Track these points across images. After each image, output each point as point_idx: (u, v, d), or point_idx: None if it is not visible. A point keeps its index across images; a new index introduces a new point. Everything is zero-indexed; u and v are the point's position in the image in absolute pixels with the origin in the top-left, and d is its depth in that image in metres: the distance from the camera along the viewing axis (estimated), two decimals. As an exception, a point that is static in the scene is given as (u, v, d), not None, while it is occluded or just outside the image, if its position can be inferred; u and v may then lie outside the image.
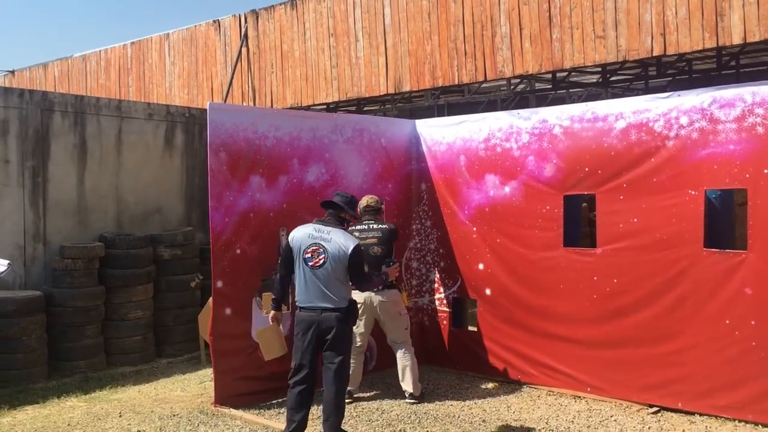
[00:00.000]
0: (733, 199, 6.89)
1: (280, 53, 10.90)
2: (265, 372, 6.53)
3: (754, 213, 5.57)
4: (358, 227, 6.52)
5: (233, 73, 11.53)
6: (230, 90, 11.58)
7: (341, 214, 5.40)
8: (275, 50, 10.99)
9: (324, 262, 5.14)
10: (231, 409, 6.21)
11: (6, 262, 5.82)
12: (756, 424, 5.53)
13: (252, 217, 6.53)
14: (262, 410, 6.27)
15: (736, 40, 6.52)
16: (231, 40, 11.84)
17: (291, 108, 10.62)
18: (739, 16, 6.47)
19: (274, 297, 5.57)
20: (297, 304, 5.31)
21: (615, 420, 5.83)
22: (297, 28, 10.71)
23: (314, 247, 5.17)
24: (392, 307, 6.50)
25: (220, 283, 6.34)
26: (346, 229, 5.41)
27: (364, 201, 6.64)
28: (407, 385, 6.49)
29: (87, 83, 15.03)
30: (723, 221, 6.85)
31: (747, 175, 5.58)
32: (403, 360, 6.54)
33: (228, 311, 6.37)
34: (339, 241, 5.18)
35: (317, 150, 7.01)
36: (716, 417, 5.71)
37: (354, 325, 5.46)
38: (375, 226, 6.56)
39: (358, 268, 5.23)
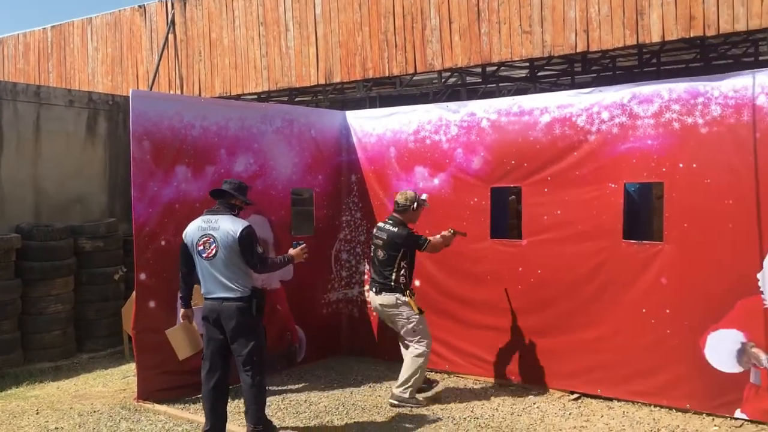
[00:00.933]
0: (651, 192, 7.16)
1: (209, 41, 10.68)
2: (191, 366, 6.36)
3: (669, 205, 5.79)
4: (380, 224, 6.34)
5: (159, 60, 11.23)
6: (156, 77, 11.28)
7: (231, 201, 5.27)
8: (203, 38, 10.75)
9: (216, 252, 5.05)
10: (155, 404, 6.08)
11: None
12: (670, 408, 5.76)
13: (177, 208, 6.38)
14: (187, 405, 6.16)
15: (655, 38, 6.75)
16: (157, 26, 11.53)
17: (220, 97, 10.42)
18: (658, 15, 6.69)
19: (181, 295, 5.46)
20: (202, 295, 5.25)
21: (537, 407, 5.98)
22: (226, 15, 10.50)
23: (205, 239, 5.09)
24: (388, 310, 6.18)
25: (143, 276, 6.18)
26: (237, 216, 5.24)
27: (396, 196, 6.36)
28: (397, 382, 6.16)
29: (4, 68, 14.37)
30: (642, 214, 7.12)
31: (664, 169, 5.79)
32: (406, 360, 6.18)
33: (152, 304, 6.22)
34: (227, 227, 5.08)
35: (246, 140, 6.90)
36: (633, 402, 5.93)
37: (261, 313, 5.21)
38: (387, 227, 6.21)
39: (250, 251, 5.07)
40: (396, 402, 6.06)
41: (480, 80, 10.36)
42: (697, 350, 5.63)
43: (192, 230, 5.22)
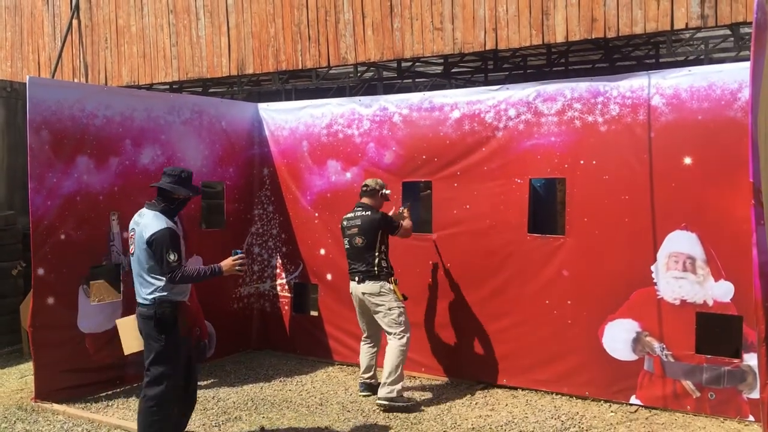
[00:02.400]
0: (556, 187, 7.39)
1: (115, 27, 10.31)
2: (93, 364, 6.21)
3: (571, 200, 6.00)
4: (348, 215, 6.11)
5: (62, 47, 10.75)
6: (59, 64, 10.80)
7: (173, 195, 4.75)
8: (110, 24, 10.37)
9: (134, 251, 4.67)
10: (53, 404, 5.85)
11: None
12: (571, 396, 5.99)
13: (79, 201, 6.16)
14: (88, 404, 5.96)
15: (560, 38, 6.96)
16: (61, 11, 11.03)
17: (128, 87, 10.08)
18: (563, 16, 6.91)
19: None
20: None
21: (446, 397, 6.09)
22: (134, 2, 10.16)
23: (132, 233, 4.71)
24: (371, 298, 5.93)
25: (41, 271, 5.93)
26: (168, 212, 4.73)
27: (365, 180, 6.29)
28: (382, 379, 5.91)
29: None
30: (547, 208, 7.35)
31: (566, 166, 5.99)
32: (387, 352, 5.92)
33: (50, 300, 5.97)
34: (145, 224, 4.62)
35: (152, 131, 6.72)
36: (536, 391, 6.12)
37: (171, 333, 4.64)
38: (359, 213, 6.03)
39: (158, 258, 4.53)
40: (386, 403, 5.77)
41: (396, 75, 10.43)
42: (595, 339, 5.87)
43: (131, 222, 4.80)
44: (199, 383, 6.56)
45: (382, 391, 5.78)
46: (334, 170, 7.21)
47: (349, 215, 6.09)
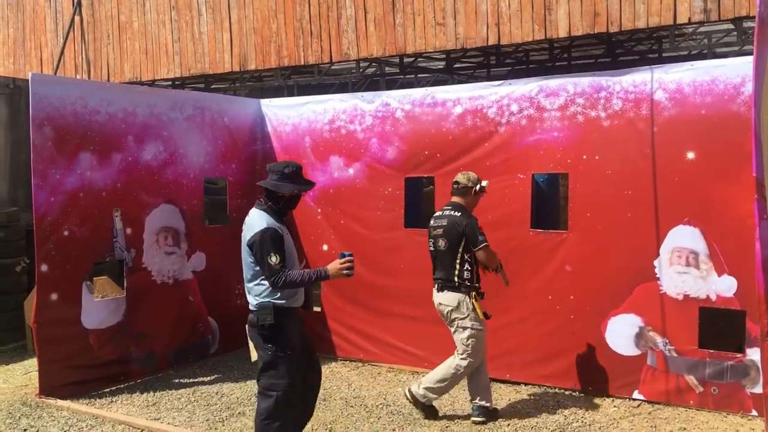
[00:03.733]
0: (559, 182, 7.39)
1: (117, 24, 10.30)
2: (97, 360, 6.24)
3: (573, 196, 5.99)
4: (437, 213, 5.53)
5: (65, 43, 10.75)
6: (62, 61, 10.80)
7: (278, 193, 4.37)
8: (112, 20, 10.36)
9: (241, 251, 4.40)
10: (57, 400, 5.87)
11: None
12: (574, 390, 5.99)
13: (82, 197, 6.17)
14: (92, 399, 5.98)
15: (562, 33, 6.94)
16: (62, 8, 11.03)
17: (130, 83, 10.08)
18: (565, 11, 6.89)
19: None
20: None
21: (448, 393, 6.09)
22: (136, -2, 10.16)
23: (242, 234, 4.43)
24: (451, 312, 5.34)
25: (44, 267, 5.94)
26: (277, 211, 4.37)
27: (455, 176, 5.55)
28: (420, 381, 5.51)
29: None
30: (550, 203, 7.34)
31: (569, 161, 5.98)
32: (444, 363, 5.43)
33: (54, 296, 5.99)
34: (249, 224, 4.35)
35: (155, 127, 6.72)
36: (539, 386, 6.13)
37: (278, 342, 4.25)
38: (446, 212, 5.40)
39: (258, 259, 4.21)
40: (411, 398, 5.45)
41: (398, 71, 10.42)
42: (598, 334, 5.87)
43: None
44: (202, 378, 6.60)
45: (415, 387, 5.47)
46: (336, 166, 7.21)
47: (437, 213, 5.50)
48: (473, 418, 5.40)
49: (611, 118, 5.79)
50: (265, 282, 4.23)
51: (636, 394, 5.75)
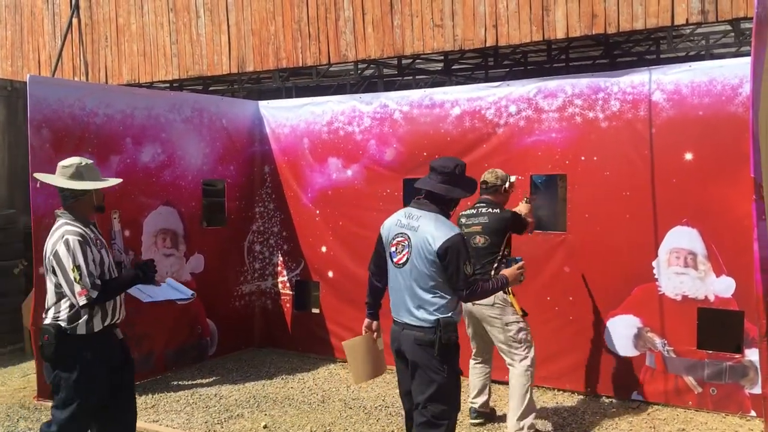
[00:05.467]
0: (557, 183, 7.39)
1: (116, 26, 10.30)
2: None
3: (572, 197, 5.99)
4: (467, 211, 5.22)
5: (63, 45, 10.75)
6: (60, 63, 10.79)
7: (446, 197, 3.89)
8: (110, 22, 10.36)
9: (407, 259, 3.81)
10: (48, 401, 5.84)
11: (190, 292, 4.49)
12: (572, 392, 5.99)
13: (80, 199, 6.14)
14: (91, 402, 5.96)
15: (560, 34, 6.95)
16: (60, 10, 11.02)
17: (128, 85, 10.08)
18: (563, 12, 6.90)
19: (366, 300, 4.23)
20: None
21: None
22: (133, 0, 10.15)
23: (400, 238, 3.87)
24: (488, 311, 5.05)
25: (43, 270, 5.91)
26: (446, 215, 3.91)
27: (483, 176, 5.26)
28: (509, 414, 5.08)
29: None
30: (548, 205, 7.35)
31: (567, 162, 5.99)
32: (511, 380, 5.10)
33: (52, 299, 5.96)
34: (426, 230, 3.77)
35: (153, 129, 6.72)
36: (538, 387, 6.12)
37: (453, 362, 3.84)
38: (485, 209, 5.14)
39: (454, 270, 3.72)
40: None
41: (396, 72, 10.43)
42: (597, 335, 5.87)
43: (390, 223, 4.00)
44: (201, 380, 6.60)
45: (512, 428, 5.01)
46: (335, 167, 7.21)
47: (470, 212, 5.21)
48: (470, 421, 5.39)
49: (609, 120, 5.80)
50: (447, 295, 3.77)
51: (635, 395, 5.75)
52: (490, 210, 5.14)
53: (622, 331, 5.79)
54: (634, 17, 6.61)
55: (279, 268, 7.66)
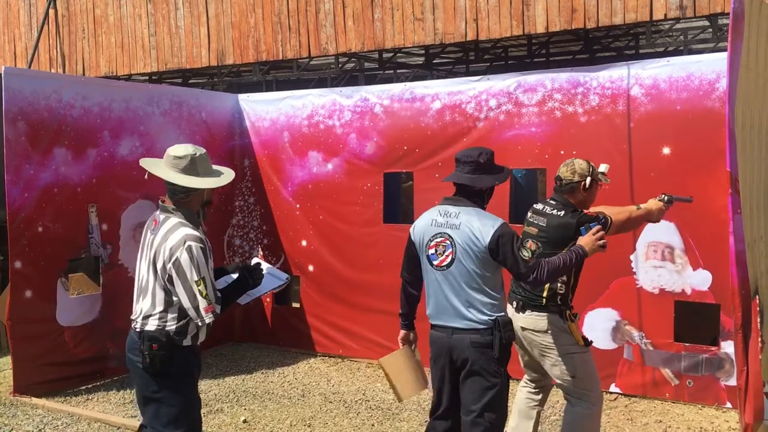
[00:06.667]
0: (537, 178, 7.43)
1: (93, 17, 10.17)
2: (72, 357, 6.18)
3: (551, 191, 5.99)
4: (537, 205, 4.32)
5: (39, 37, 10.59)
6: (36, 55, 10.64)
7: (475, 188, 3.68)
8: (87, 14, 10.22)
9: (451, 260, 3.59)
10: (32, 398, 5.80)
11: (285, 275, 3.96)
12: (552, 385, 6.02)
13: (56, 192, 6.09)
14: (68, 397, 5.91)
15: (540, 29, 6.97)
16: (37, 1, 10.85)
17: (106, 77, 9.96)
18: (543, 7, 6.92)
19: (400, 311, 3.97)
20: (429, 318, 3.81)
21: (428, 389, 6.10)
22: (111, -9, 10.03)
23: (439, 239, 3.63)
24: (540, 339, 4.11)
25: (18, 264, 5.86)
26: (484, 206, 3.71)
27: (558, 169, 4.31)
28: None
29: None
30: (528, 198, 7.37)
31: (546, 156, 6.01)
32: (565, 417, 4.27)
33: (28, 294, 5.91)
34: (471, 226, 3.56)
35: (131, 122, 6.65)
36: (516, 380, 6.12)
37: (507, 358, 3.63)
38: (548, 209, 4.17)
39: (510, 260, 3.50)
40: None
41: (377, 66, 10.40)
42: (576, 329, 5.90)
43: (423, 224, 3.74)
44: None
45: None
46: (315, 161, 7.19)
47: (538, 207, 4.28)
48: None
49: (588, 114, 5.83)
50: (498, 292, 3.59)
51: (613, 387, 5.80)
52: (556, 212, 4.11)
53: (601, 324, 5.83)
54: (613, 12, 6.65)
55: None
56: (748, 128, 3.91)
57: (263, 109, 7.53)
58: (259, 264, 3.72)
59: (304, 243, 7.27)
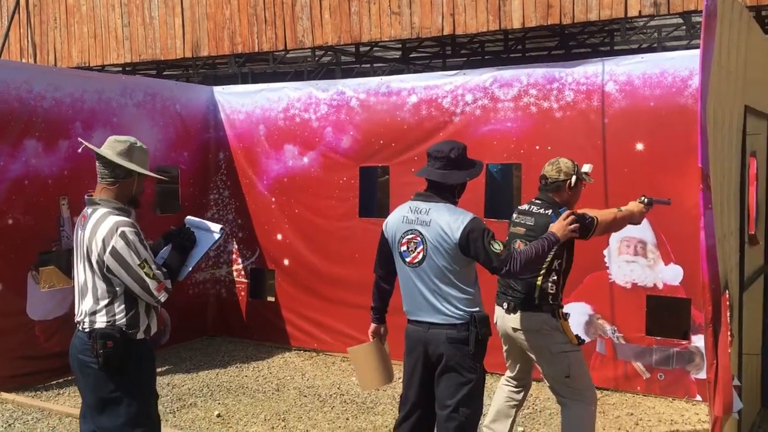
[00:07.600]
0: (512, 173, 7.45)
1: (65, 7, 10.00)
2: (43, 352, 6.09)
3: (526, 186, 6.05)
4: (522, 206, 4.26)
5: (9, 26, 10.40)
6: (6, 44, 10.44)
7: (447, 184, 3.64)
8: (59, 3, 10.05)
9: (423, 257, 3.56)
10: (2, 393, 5.72)
11: (219, 227, 3.68)
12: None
13: (27, 185, 6.00)
14: (38, 392, 5.84)
15: (516, 24, 7.00)
16: (8, -11, 10.67)
17: (79, 68, 9.81)
18: (519, 2, 6.94)
19: (372, 305, 3.97)
20: (406, 314, 3.78)
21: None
22: (84, -20, 9.87)
23: (410, 236, 3.60)
24: (533, 339, 4.05)
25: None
26: (454, 202, 3.66)
27: (543, 168, 4.24)
28: None
29: None
30: (503, 193, 7.40)
31: (522, 151, 6.04)
32: (562, 420, 4.16)
33: (-2, 287, 5.82)
34: (441, 222, 3.52)
35: (104, 113, 6.57)
36: (491, 374, 6.15)
37: (483, 353, 3.60)
38: (536, 210, 4.08)
39: (482, 255, 3.46)
40: None
41: (354, 60, 10.36)
42: (550, 323, 5.95)
43: (395, 220, 3.70)
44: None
45: None
46: (291, 155, 7.15)
47: (523, 207, 4.22)
48: None
49: (563, 109, 5.86)
50: (472, 287, 3.57)
51: (585, 381, 5.85)
52: (542, 211, 4.05)
53: (574, 319, 5.83)
54: (588, 8, 6.69)
55: (234, 256, 7.58)
56: (720, 125, 3.96)
57: (238, 102, 7.48)
58: (184, 225, 3.59)
59: (279, 237, 7.24)
